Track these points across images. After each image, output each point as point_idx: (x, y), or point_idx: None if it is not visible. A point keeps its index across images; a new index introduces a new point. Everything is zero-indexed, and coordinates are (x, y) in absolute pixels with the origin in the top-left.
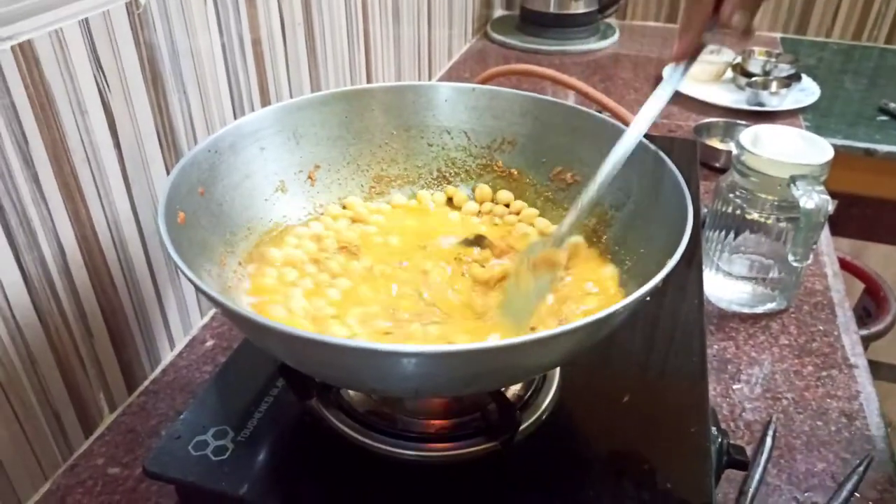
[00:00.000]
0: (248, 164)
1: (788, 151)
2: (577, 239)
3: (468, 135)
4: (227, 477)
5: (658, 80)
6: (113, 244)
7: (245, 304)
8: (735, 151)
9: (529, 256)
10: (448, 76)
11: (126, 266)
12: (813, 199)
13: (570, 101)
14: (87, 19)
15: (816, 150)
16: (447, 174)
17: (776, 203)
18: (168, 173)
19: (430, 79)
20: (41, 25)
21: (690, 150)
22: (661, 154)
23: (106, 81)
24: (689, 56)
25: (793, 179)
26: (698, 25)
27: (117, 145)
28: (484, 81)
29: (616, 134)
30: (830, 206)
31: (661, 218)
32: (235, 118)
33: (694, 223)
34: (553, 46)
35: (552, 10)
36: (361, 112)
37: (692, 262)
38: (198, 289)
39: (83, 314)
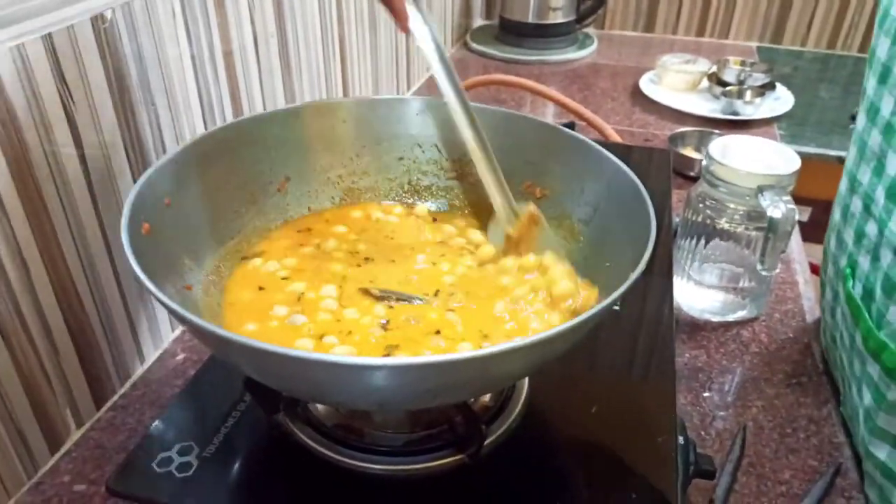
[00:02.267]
0: (216, 175)
1: (756, 162)
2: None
3: (439, 148)
4: (191, 494)
5: (636, 89)
6: (79, 259)
7: (213, 315)
8: (705, 162)
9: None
10: (427, 86)
11: (93, 280)
12: (780, 208)
13: (549, 111)
14: (50, 34)
15: (784, 160)
16: (418, 187)
17: (745, 212)
18: None
19: (408, 89)
20: (2, 41)
21: (665, 160)
22: (627, 169)
23: (70, 96)
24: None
25: (760, 189)
26: None
27: (83, 159)
28: None
29: (584, 149)
30: (802, 215)
31: (627, 231)
32: (206, 129)
33: (665, 232)
34: (532, 56)
35: (531, 19)
36: (332, 125)
37: (663, 272)
38: (159, 300)
39: (48, 330)
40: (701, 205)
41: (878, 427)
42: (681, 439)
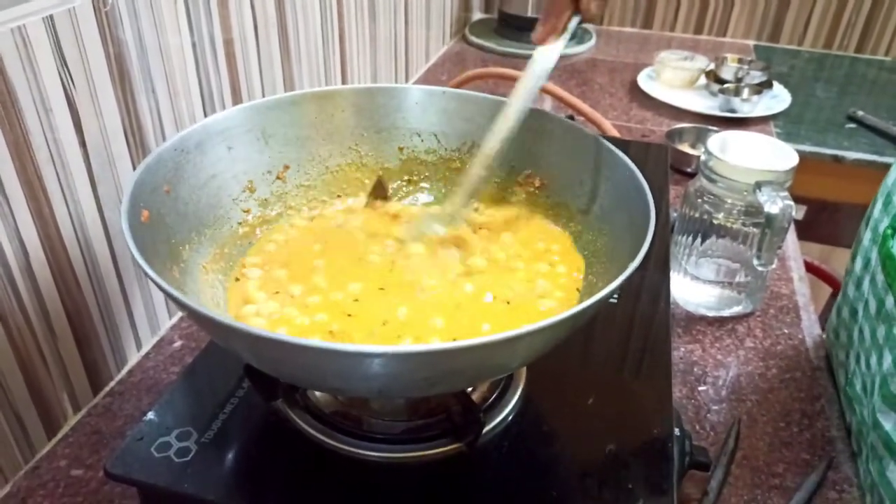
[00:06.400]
0: (215, 163)
1: (755, 157)
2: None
3: (438, 137)
4: (189, 479)
5: (634, 85)
6: (78, 243)
7: (212, 303)
8: (703, 157)
9: (428, 233)
10: (425, 78)
11: (91, 265)
12: (777, 204)
13: (547, 105)
14: (51, 16)
15: (782, 156)
16: (416, 176)
17: (742, 208)
18: None
19: (406, 80)
20: (3, 22)
21: (662, 155)
22: (626, 158)
23: (71, 79)
24: (552, 38)
25: (758, 185)
26: (560, 12)
27: (83, 144)
28: (460, 84)
29: (584, 139)
30: (797, 212)
31: (625, 220)
32: (206, 117)
33: (662, 227)
34: (530, 50)
35: (530, 13)
36: (332, 113)
37: (660, 267)
38: (159, 287)
39: (46, 313)
40: (699, 200)
41: (891, 393)
42: (676, 431)
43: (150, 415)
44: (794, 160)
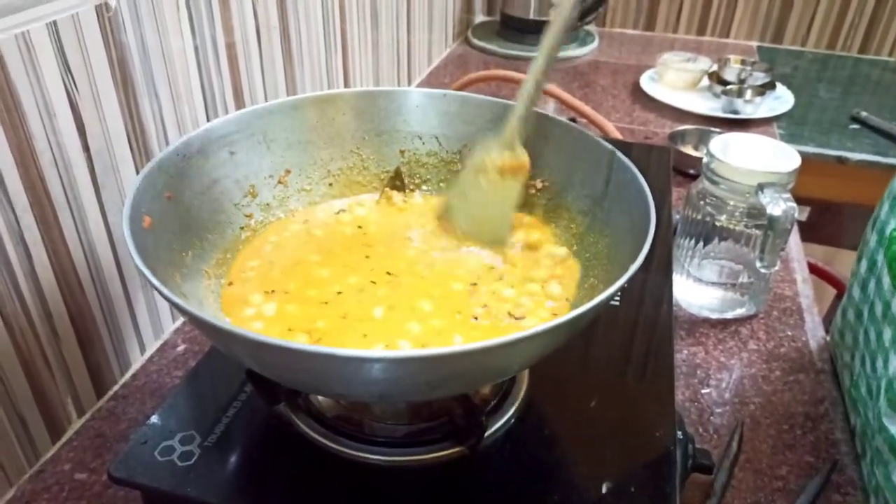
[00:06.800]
0: (217, 168)
1: (757, 159)
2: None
3: (439, 140)
4: (192, 482)
5: (636, 87)
6: (81, 248)
7: (214, 308)
8: (705, 159)
9: (487, 162)
10: (428, 81)
11: (95, 269)
12: (780, 206)
13: (550, 107)
14: (55, 22)
15: (784, 158)
16: (418, 179)
17: (745, 210)
18: None
19: (409, 84)
20: (7, 28)
21: (665, 158)
22: (626, 160)
23: (75, 84)
24: None
25: (761, 187)
26: None
27: (86, 148)
28: (463, 86)
29: (586, 141)
30: (801, 214)
31: (627, 222)
32: (209, 121)
33: (665, 229)
34: (533, 52)
35: (532, 16)
36: (332, 117)
37: (662, 269)
38: (161, 293)
39: (49, 317)
40: (701, 202)
41: None
42: (679, 434)
43: (154, 418)
44: (796, 162)
